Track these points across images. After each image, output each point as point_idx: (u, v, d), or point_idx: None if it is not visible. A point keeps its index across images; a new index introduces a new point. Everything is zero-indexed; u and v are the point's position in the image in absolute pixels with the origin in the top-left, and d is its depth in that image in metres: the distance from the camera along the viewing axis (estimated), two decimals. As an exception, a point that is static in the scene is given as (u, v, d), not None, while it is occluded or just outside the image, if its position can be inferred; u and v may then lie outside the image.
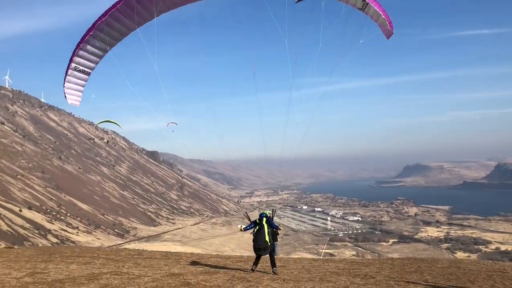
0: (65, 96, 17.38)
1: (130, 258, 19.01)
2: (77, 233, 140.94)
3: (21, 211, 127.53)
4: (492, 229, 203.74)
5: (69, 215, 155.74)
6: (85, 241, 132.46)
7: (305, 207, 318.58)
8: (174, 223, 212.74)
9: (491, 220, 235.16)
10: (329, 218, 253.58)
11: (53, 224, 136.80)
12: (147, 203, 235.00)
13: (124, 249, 31.76)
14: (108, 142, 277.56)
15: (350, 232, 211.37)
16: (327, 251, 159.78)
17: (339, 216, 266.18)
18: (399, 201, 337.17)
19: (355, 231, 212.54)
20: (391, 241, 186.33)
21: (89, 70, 17.39)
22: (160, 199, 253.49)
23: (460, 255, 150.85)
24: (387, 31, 17.05)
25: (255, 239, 13.82)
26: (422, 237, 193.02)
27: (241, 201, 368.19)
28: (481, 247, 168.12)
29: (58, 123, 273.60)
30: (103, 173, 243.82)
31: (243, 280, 12.53)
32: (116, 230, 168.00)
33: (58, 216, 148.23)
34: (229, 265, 17.01)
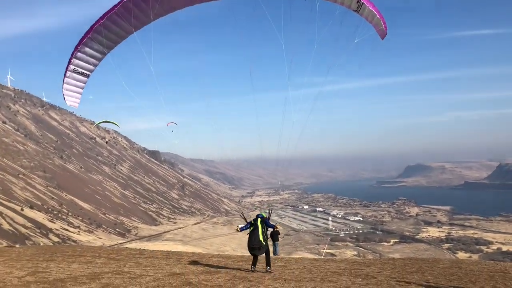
0: (64, 97, 17.56)
1: (131, 257, 19.04)
2: (79, 232, 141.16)
3: (22, 210, 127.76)
4: (493, 230, 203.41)
5: (70, 214, 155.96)
6: (86, 240, 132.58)
7: (306, 207, 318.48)
8: (175, 223, 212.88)
9: (492, 220, 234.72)
10: (330, 218, 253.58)
11: (55, 223, 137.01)
12: (149, 202, 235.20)
13: (125, 248, 31.79)
14: (107, 142, 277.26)
15: (351, 232, 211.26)
16: (328, 251, 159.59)
17: (340, 216, 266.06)
18: (400, 201, 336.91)
19: (356, 231, 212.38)
20: (392, 241, 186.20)
21: (88, 72, 17.50)
22: (161, 199, 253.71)
23: (461, 255, 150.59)
24: (382, 31, 17.28)
25: (249, 239, 14.12)
26: (423, 237, 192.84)
27: (242, 201, 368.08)
28: (482, 247, 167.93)
29: (59, 123, 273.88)
30: (105, 172, 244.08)
31: (244, 280, 12.54)
32: (117, 229, 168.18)
33: (59, 215, 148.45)
34: (230, 265, 17.03)
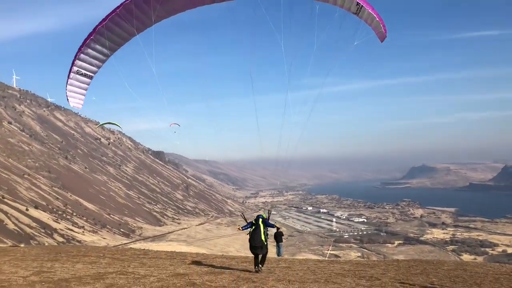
0: (68, 99, 17.79)
1: (135, 257, 19.08)
2: (83, 232, 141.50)
3: (27, 210, 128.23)
4: (498, 232, 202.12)
5: (75, 214, 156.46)
6: (90, 240, 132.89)
7: (310, 208, 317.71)
8: (179, 223, 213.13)
9: (497, 222, 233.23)
10: (334, 219, 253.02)
11: (59, 223, 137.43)
12: (153, 203, 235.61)
13: (129, 248, 31.86)
14: (109, 144, 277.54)
15: (355, 233, 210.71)
16: (332, 252, 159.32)
17: (344, 217, 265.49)
18: (404, 203, 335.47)
19: (361, 233, 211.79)
20: (397, 242, 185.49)
21: (91, 74, 17.64)
22: (165, 199, 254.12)
23: (466, 257, 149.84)
24: (381, 34, 17.35)
25: (251, 238, 14.27)
26: (427, 239, 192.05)
27: (246, 202, 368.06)
28: (487, 249, 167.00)
29: (64, 123, 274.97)
30: (109, 173, 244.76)
31: (248, 280, 12.54)
32: (121, 229, 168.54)
33: (64, 215, 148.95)
34: (234, 265, 17.04)
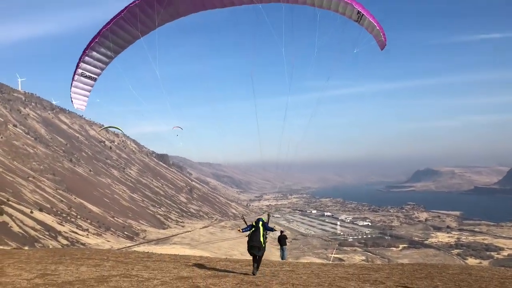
0: (72, 100, 18.07)
1: (139, 260, 19.09)
2: (87, 235, 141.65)
3: (32, 212, 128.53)
4: (504, 235, 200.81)
5: (79, 217, 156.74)
6: (95, 243, 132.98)
7: (314, 212, 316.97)
8: (183, 226, 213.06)
9: (503, 226, 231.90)
10: (338, 222, 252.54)
11: (64, 226, 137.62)
12: (157, 205, 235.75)
13: (133, 251, 31.90)
14: (111, 148, 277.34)
15: (359, 237, 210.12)
16: (336, 256, 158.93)
17: (348, 220, 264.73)
18: (409, 206, 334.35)
19: (365, 236, 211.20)
20: (401, 246, 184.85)
21: (95, 76, 18.01)
22: (169, 202, 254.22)
23: (471, 261, 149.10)
24: (381, 42, 17.77)
25: (250, 239, 14.52)
26: (432, 243, 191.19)
27: (250, 205, 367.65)
28: (493, 253, 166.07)
29: (69, 126, 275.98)
30: (113, 175, 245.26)
31: (252, 284, 12.53)
32: (125, 232, 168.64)
33: (68, 218, 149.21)
34: (238, 269, 17.04)
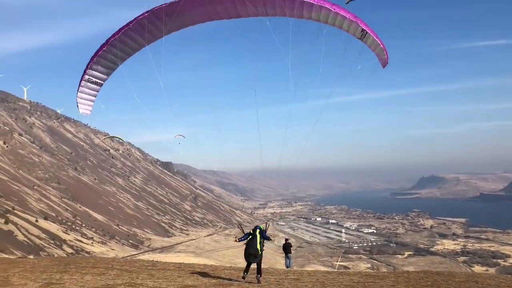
0: (77, 105, 18.54)
1: (144, 269, 19.09)
2: (92, 243, 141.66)
3: (37, 221, 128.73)
4: (511, 243, 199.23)
5: (84, 225, 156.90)
6: (99, 251, 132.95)
7: (319, 219, 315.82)
8: (187, 234, 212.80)
9: (510, 233, 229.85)
10: (343, 230, 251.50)
11: (69, 234, 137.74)
12: (161, 214, 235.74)
13: (138, 260, 31.88)
14: (112, 158, 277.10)
15: (364, 244, 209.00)
16: (341, 263, 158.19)
17: (353, 228, 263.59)
18: (414, 213, 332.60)
19: (370, 244, 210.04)
20: (407, 253, 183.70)
21: (101, 81, 18.49)
22: (174, 210, 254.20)
23: (477, 269, 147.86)
24: (383, 61, 18.47)
25: (247, 246, 14.62)
26: (438, 250, 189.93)
27: (254, 213, 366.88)
28: (499, 261, 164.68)
29: (74, 135, 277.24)
30: (118, 184, 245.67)
31: (257, 292, 12.49)
32: (130, 240, 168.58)
33: (73, 226, 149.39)
34: (243, 277, 16.95)
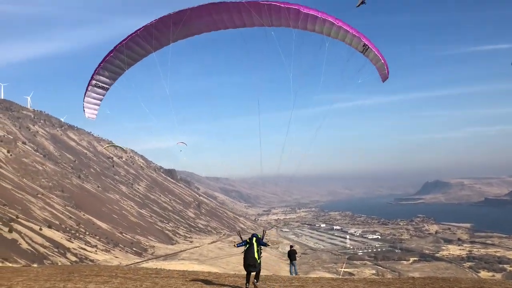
0: (84, 110, 18.96)
1: (147, 277, 18.98)
2: (96, 251, 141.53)
3: (41, 229, 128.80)
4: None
5: (88, 233, 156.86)
6: (103, 259, 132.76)
7: (323, 225, 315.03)
8: (191, 242, 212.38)
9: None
10: (348, 236, 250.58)
11: (72, 242, 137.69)
12: (165, 221, 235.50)
13: (142, 268, 31.75)
14: (113, 166, 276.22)
15: (369, 250, 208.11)
16: (346, 270, 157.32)
17: (358, 234, 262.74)
18: (419, 219, 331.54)
19: (375, 250, 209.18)
20: (412, 259, 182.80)
21: (107, 86, 19.04)
22: (177, 217, 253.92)
23: (484, 274, 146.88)
24: (384, 75, 19.02)
25: (245, 256, 14.95)
26: (443, 256, 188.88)
27: (258, 219, 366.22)
28: (505, 266, 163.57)
29: (77, 143, 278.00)
30: (122, 191, 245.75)
31: (262, 300, 12.37)
32: (134, 248, 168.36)
33: (77, 234, 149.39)
34: (247, 284, 16.83)
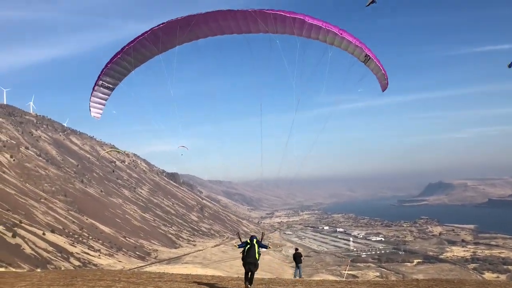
0: (90, 109, 19.58)
1: (151, 281, 18.94)
2: (99, 256, 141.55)
3: (44, 234, 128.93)
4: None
5: (91, 238, 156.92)
6: (106, 264, 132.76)
7: (326, 228, 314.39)
8: (194, 245, 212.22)
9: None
10: (351, 238, 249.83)
11: (75, 247, 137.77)
12: (168, 225, 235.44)
13: (145, 272, 31.69)
14: (114, 171, 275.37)
15: (373, 252, 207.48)
16: (350, 272, 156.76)
17: (361, 236, 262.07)
18: (422, 220, 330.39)
19: (378, 252, 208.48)
20: (416, 261, 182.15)
21: (113, 86, 19.77)
22: (180, 221, 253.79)
23: (488, 275, 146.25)
24: (384, 85, 19.84)
25: (246, 254, 15.42)
26: (447, 257, 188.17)
27: (261, 222, 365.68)
28: (510, 267, 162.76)
29: (80, 147, 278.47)
30: (125, 195, 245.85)
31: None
32: (137, 252, 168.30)
33: (80, 239, 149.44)
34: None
